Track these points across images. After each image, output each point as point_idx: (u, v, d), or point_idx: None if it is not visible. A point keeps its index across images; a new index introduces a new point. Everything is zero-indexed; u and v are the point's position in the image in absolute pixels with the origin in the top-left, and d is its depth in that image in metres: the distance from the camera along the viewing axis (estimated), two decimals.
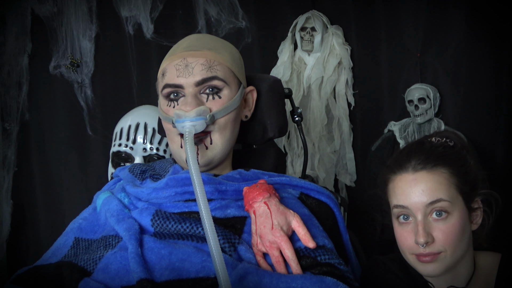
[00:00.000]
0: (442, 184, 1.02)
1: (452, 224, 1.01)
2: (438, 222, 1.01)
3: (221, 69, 1.13)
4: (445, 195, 1.01)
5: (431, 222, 1.02)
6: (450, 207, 1.01)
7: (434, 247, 1.01)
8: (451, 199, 1.02)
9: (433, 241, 1.01)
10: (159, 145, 1.65)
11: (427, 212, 1.02)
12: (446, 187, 1.02)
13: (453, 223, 1.01)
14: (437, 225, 1.01)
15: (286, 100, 1.44)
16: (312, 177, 2.22)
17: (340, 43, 2.55)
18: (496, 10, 2.30)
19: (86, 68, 2.77)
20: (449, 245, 1.01)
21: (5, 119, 2.84)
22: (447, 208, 1.01)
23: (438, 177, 1.03)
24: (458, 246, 1.02)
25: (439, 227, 1.01)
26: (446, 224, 1.01)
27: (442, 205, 1.01)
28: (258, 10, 2.66)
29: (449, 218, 1.01)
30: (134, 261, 0.96)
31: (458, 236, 1.01)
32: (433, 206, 1.02)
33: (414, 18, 2.46)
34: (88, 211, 1.19)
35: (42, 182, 2.90)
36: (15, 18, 2.78)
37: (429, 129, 2.42)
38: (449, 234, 1.01)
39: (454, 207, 1.02)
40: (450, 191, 1.02)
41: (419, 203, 1.02)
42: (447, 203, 1.01)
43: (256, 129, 1.30)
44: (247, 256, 1.00)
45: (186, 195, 1.10)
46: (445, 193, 1.02)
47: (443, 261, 1.02)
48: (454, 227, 1.01)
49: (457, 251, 1.02)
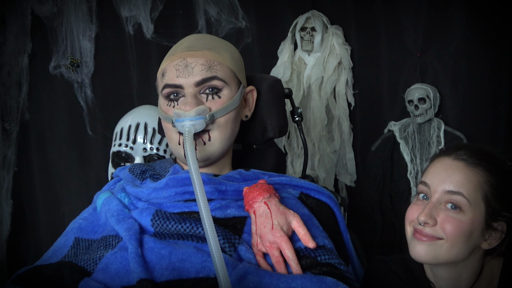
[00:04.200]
0: (471, 182, 1.00)
1: (460, 221, 0.99)
2: (448, 211, 1.00)
3: (221, 69, 1.13)
4: (467, 193, 1.00)
5: (442, 209, 1.01)
6: (467, 207, 0.99)
7: (434, 230, 1.00)
8: (472, 200, 1.00)
9: (435, 224, 1.00)
10: (159, 145, 1.65)
11: (443, 198, 1.01)
12: (473, 187, 1.00)
13: (462, 221, 0.99)
14: (446, 213, 1.00)
15: (286, 100, 1.44)
16: (312, 177, 2.21)
17: (340, 43, 2.55)
18: (496, 10, 2.30)
19: (86, 68, 2.77)
20: (450, 236, 0.99)
21: (5, 119, 2.84)
22: (462, 205, 0.99)
23: (472, 175, 1.01)
24: (458, 245, 1.00)
25: (447, 215, 1.00)
26: (454, 217, 1.00)
27: (459, 200, 1.00)
28: (258, 10, 2.66)
29: (460, 215, 0.99)
30: (134, 261, 0.96)
31: (461, 235, 0.99)
32: (450, 197, 1.00)
33: (414, 18, 2.46)
34: (88, 211, 1.19)
35: (42, 182, 2.90)
36: (15, 18, 2.78)
37: (429, 129, 2.42)
38: (452, 226, 0.99)
39: (470, 209, 1.00)
40: (475, 193, 1.00)
41: (440, 186, 1.02)
42: (465, 201, 0.99)
43: (256, 129, 1.30)
44: (247, 256, 1.00)
45: (186, 195, 1.10)
46: (468, 191, 1.00)
47: (436, 249, 1.00)
48: (461, 224, 0.99)
49: (455, 249, 1.00)
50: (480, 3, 2.33)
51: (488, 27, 2.34)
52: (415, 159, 2.43)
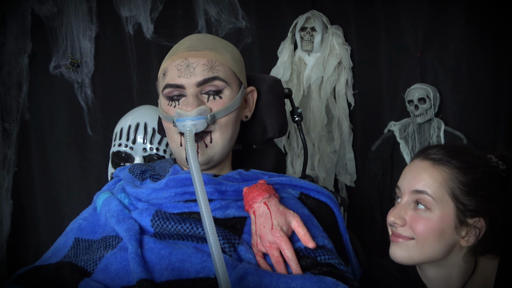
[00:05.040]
0: (436, 180, 1.02)
1: (428, 219, 1.01)
2: (417, 211, 1.03)
3: (222, 70, 1.13)
4: (432, 191, 1.02)
5: (410, 209, 1.04)
6: (433, 205, 1.01)
7: (404, 230, 1.03)
8: (437, 198, 1.01)
9: (404, 224, 1.03)
10: (159, 145, 1.65)
11: (411, 198, 1.04)
12: (437, 185, 1.02)
13: (430, 219, 1.01)
14: (414, 213, 1.03)
15: (286, 100, 1.44)
16: (312, 177, 2.21)
17: (340, 43, 2.55)
18: (496, 10, 2.30)
19: (86, 68, 2.77)
20: (419, 235, 1.01)
21: (5, 119, 2.84)
22: (428, 204, 1.02)
23: (437, 173, 1.03)
24: (429, 244, 1.01)
25: (415, 215, 1.03)
26: (422, 216, 1.02)
27: (425, 198, 1.02)
28: (258, 10, 2.66)
29: (428, 213, 1.02)
30: (134, 262, 0.96)
31: (430, 233, 1.01)
32: (416, 196, 1.03)
33: (414, 18, 2.46)
34: (88, 211, 1.19)
35: (42, 182, 2.90)
36: (15, 18, 2.78)
37: (429, 129, 2.42)
38: (420, 224, 1.01)
39: (437, 207, 1.01)
40: (440, 191, 1.01)
41: (406, 187, 1.05)
42: (430, 199, 1.01)
43: (256, 129, 1.30)
44: (247, 257, 1.00)
45: (186, 195, 1.10)
46: (433, 189, 1.02)
47: (409, 249, 1.02)
48: (429, 222, 1.01)
49: (427, 248, 1.01)
50: (480, 3, 2.33)
51: (488, 27, 2.33)
52: None
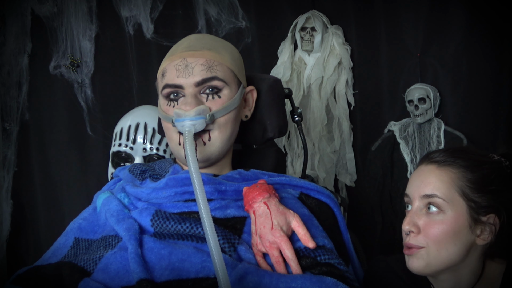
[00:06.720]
0: (444, 181, 1.02)
1: (442, 222, 1.00)
2: (429, 216, 1.02)
3: (221, 69, 1.13)
4: (442, 193, 1.01)
5: (423, 214, 1.03)
6: (445, 206, 1.00)
7: (417, 240, 1.02)
8: (448, 198, 1.01)
9: (418, 232, 1.02)
10: (159, 145, 1.65)
11: (422, 204, 1.03)
12: (446, 186, 1.01)
13: (443, 222, 1.00)
14: (427, 218, 1.02)
15: (286, 100, 1.44)
16: (312, 177, 2.21)
17: (340, 43, 2.55)
18: (496, 10, 2.30)
19: (86, 68, 2.77)
20: (433, 241, 1.00)
21: (5, 119, 2.84)
22: (440, 206, 1.01)
23: (444, 174, 1.02)
24: (444, 248, 1.00)
25: (428, 220, 1.01)
26: (435, 219, 1.01)
27: (436, 201, 1.01)
28: (258, 10, 2.66)
29: (441, 215, 1.01)
30: (134, 261, 0.96)
31: (445, 236, 0.99)
32: (428, 200, 1.02)
33: (414, 18, 2.46)
34: (88, 211, 1.19)
35: (42, 182, 2.90)
36: (15, 18, 2.78)
37: (429, 129, 2.42)
38: (434, 229, 1.00)
39: (449, 208, 1.00)
40: (450, 191, 1.01)
41: (415, 193, 1.04)
42: (441, 201, 1.01)
43: (256, 129, 1.30)
44: (247, 256, 1.00)
45: (186, 195, 1.10)
46: (442, 191, 1.01)
47: (423, 258, 1.01)
48: (443, 225, 1.00)
49: (443, 253, 1.00)
50: (480, 3, 2.33)
51: (488, 27, 2.34)
52: (415, 159, 2.43)
